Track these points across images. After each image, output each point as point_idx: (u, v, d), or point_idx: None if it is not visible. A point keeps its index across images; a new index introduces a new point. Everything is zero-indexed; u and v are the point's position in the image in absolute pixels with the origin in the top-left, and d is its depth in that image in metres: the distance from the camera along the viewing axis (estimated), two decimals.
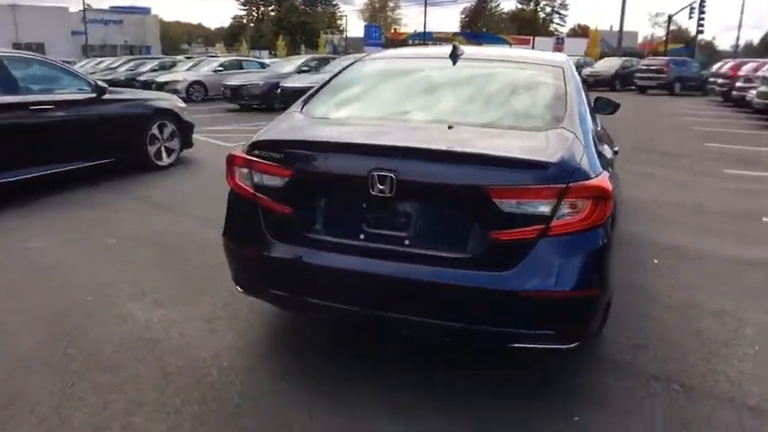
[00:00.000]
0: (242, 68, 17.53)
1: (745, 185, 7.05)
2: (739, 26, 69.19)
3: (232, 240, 2.70)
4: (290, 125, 2.82)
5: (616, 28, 60.10)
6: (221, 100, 15.84)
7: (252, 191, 2.56)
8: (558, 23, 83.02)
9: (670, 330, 3.22)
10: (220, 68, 17.32)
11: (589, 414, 2.48)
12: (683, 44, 56.97)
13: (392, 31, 70.95)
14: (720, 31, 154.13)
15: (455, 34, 61.92)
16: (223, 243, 2.77)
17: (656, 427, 2.43)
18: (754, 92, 14.15)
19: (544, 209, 2.18)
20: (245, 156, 2.59)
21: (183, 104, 7.71)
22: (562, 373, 2.78)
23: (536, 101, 2.88)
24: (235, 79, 14.42)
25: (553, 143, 2.38)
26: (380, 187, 2.27)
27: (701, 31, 34.99)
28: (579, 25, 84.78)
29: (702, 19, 33.14)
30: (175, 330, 3.08)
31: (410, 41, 59.73)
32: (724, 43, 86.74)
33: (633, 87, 26.06)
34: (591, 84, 25.80)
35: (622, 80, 26.58)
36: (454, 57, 3.25)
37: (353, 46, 62.61)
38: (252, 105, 14.29)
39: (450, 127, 2.52)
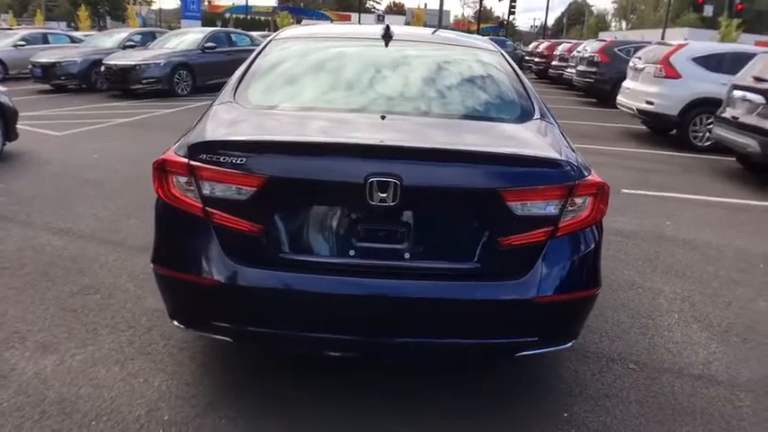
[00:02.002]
0: (48, 43, 14.89)
1: (592, 158, 7.82)
2: (547, 9, 76.84)
3: (170, 268, 2.14)
4: (237, 119, 2.30)
5: (429, 6, 63.84)
6: (27, 79, 13.31)
7: (200, 205, 2.03)
8: (374, 1, 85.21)
9: (603, 307, 3.39)
10: (22, 43, 14.48)
11: (573, 404, 2.49)
12: (490, 24, 62.41)
13: (207, 3, 66.59)
14: (519, 13, 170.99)
15: (275, 9, 60.17)
16: (155, 271, 2.20)
17: (632, 406, 2.50)
18: (571, 70, 15.83)
19: (553, 209, 2.06)
20: (186, 161, 2.03)
21: (2, 87, 6.24)
22: (532, 369, 2.75)
23: (497, 88, 2.72)
24: (45, 56, 12.07)
25: (549, 138, 2.27)
26: (381, 195, 1.93)
27: (513, 12, 38.50)
28: (395, 2, 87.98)
29: (514, 1, 36.39)
30: (84, 383, 2.41)
31: (227, 15, 56.71)
32: (522, 24, 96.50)
33: None
34: None
35: None
36: (387, 38, 2.97)
37: (166, 19, 57.59)
38: (68, 86, 12.25)
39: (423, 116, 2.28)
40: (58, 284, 3.29)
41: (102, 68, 11.61)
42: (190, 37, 12.83)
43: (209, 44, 12.40)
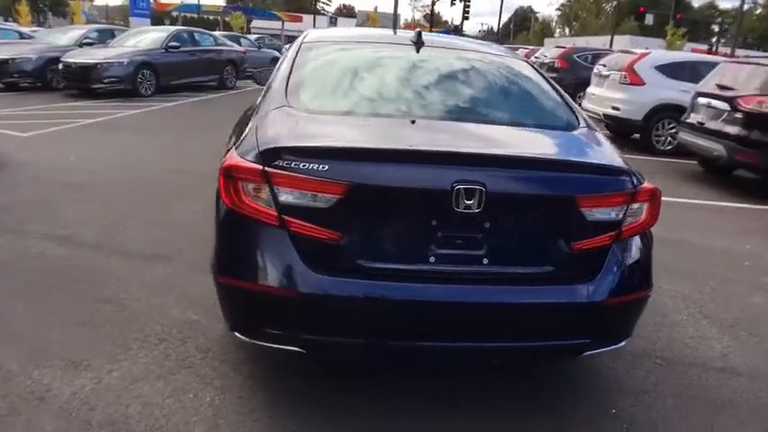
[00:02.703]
0: None
1: None
2: (500, 15, 78.06)
3: (241, 279, 2.08)
4: (304, 125, 2.25)
5: (380, 10, 64.08)
6: None
7: (275, 213, 1.98)
8: (324, 2, 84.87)
9: None
10: None
11: (616, 400, 2.58)
12: (440, 27, 63.34)
13: (154, 1, 64.34)
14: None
15: (225, 8, 58.83)
16: (221, 283, 2.14)
17: (668, 400, 2.62)
18: None
19: (618, 214, 2.14)
20: (260, 167, 1.98)
21: None
22: (568, 368, 2.82)
23: (539, 96, 2.78)
24: None
25: (606, 147, 2.36)
26: (467, 203, 1.96)
27: (467, 17, 39.25)
28: (345, 5, 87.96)
29: (468, 6, 37.07)
30: (130, 401, 2.30)
31: (175, 14, 55.03)
32: (470, 29, 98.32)
33: None
34: None
35: None
36: (419, 44, 2.99)
37: (110, 16, 55.34)
38: (21, 84, 11.54)
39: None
40: (72, 297, 3.12)
41: (60, 66, 11.03)
42: (152, 35, 12.38)
43: (173, 43, 12.00)
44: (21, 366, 2.47)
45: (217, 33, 16.08)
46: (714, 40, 30.63)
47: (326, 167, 1.93)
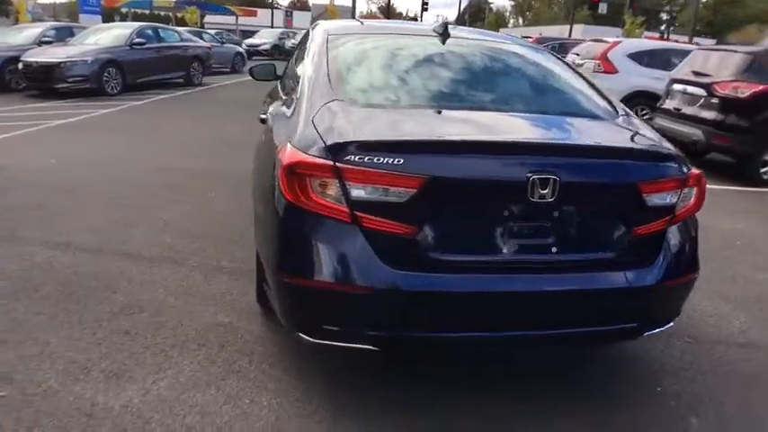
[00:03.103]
0: None
1: None
2: (460, 4, 77.58)
3: (310, 278, 2.01)
4: (365, 118, 2.20)
5: (336, 2, 63.49)
6: None
7: (347, 209, 1.94)
8: None
9: None
10: None
11: (660, 378, 2.67)
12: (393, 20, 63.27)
13: None
14: (418, 8, 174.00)
15: (177, 3, 57.15)
16: (287, 283, 2.08)
17: (707, 376, 2.71)
18: None
19: (673, 199, 2.19)
20: (330, 163, 1.92)
21: None
22: (605, 349, 2.88)
23: (573, 85, 2.79)
24: None
25: (653, 133, 2.40)
26: (541, 192, 1.96)
27: (426, 8, 39.38)
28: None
29: None
30: (185, 411, 2.21)
31: (124, 10, 53.21)
32: (424, 20, 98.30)
33: None
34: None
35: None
36: (444, 35, 2.98)
37: (57, 13, 52.96)
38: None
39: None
40: (91, 305, 2.98)
41: (20, 66, 10.47)
42: (115, 32, 11.88)
43: (138, 40, 11.56)
44: (60, 382, 2.34)
45: (181, 29, 15.59)
46: (663, 27, 31.87)
47: (402, 161, 1.90)
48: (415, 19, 44.18)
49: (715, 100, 6.99)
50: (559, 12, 76.62)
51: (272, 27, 35.97)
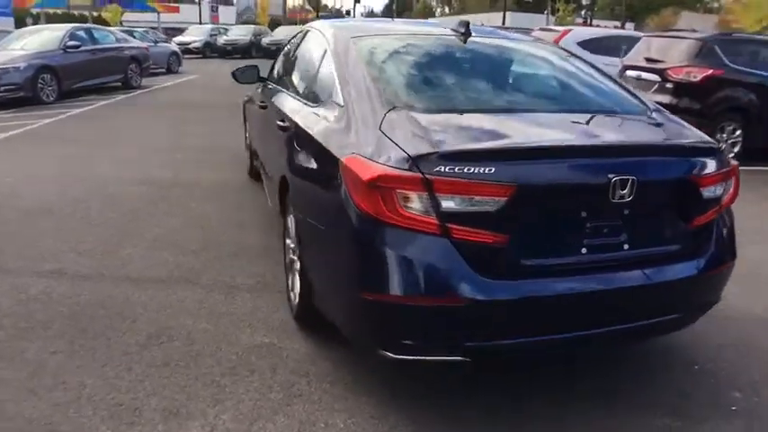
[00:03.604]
0: None
1: None
2: None
3: (397, 294, 1.93)
4: (439, 126, 2.11)
5: None
6: None
7: (436, 221, 1.87)
8: None
9: None
10: None
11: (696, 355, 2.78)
12: (326, 12, 62.87)
13: None
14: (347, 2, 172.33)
15: (95, 1, 53.89)
16: (366, 301, 1.98)
17: (741, 349, 2.85)
18: None
19: (720, 190, 2.28)
20: (419, 175, 1.85)
21: None
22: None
23: (602, 82, 2.82)
24: None
25: (691, 127, 2.45)
26: (621, 192, 1.98)
27: (359, 1, 39.26)
28: None
29: None
30: None
31: (35, 11, 49.68)
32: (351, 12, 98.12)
33: None
34: (274, 51, 26.13)
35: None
36: (466, 35, 2.94)
37: None
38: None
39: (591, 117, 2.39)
40: (113, 339, 2.74)
41: None
42: (45, 35, 11.02)
43: (72, 42, 10.76)
44: (113, 428, 2.13)
45: (113, 29, 14.70)
46: (583, 12, 33.42)
47: (493, 169, 1.86)
48: (348, 13, 43.88)
49: (669, 85, 7.33)
50: (484, 0, 78.37)
51: (200, 23, 34.65)
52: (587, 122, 2.33)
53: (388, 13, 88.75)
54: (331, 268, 2.25)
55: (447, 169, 1.85)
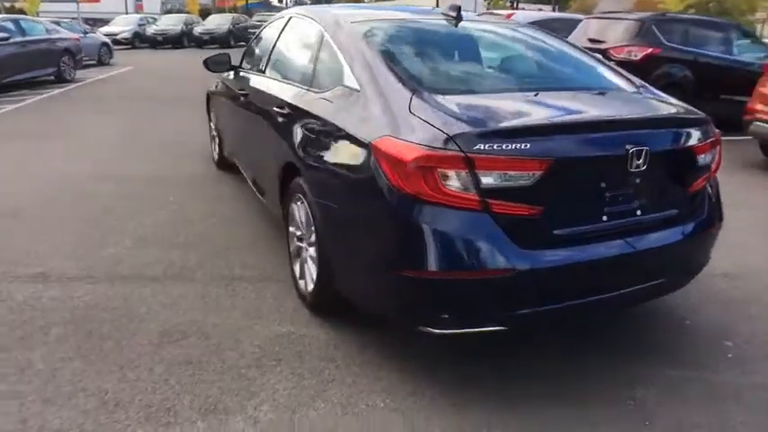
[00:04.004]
0: None
1: None
2: None
3: (440, 269, 2.00)
4: (468, 105, 2.19)
5: None
6: None
7: (477, 197, 1.95)
8: None
9: None
10: None
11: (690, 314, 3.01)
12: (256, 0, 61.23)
13: None
14: None
15: None
16: (409, 278, 2.05)
17: (752, 307, 3.08)
18: None
19: (709, 158, 2.47)
20: (462, 154, 1.92)
21: None
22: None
23: (589, 61, 2.97)
24: None
25: (681, 102, 2.63)
26: (637, 162, 2.13)
27: None
28: None
29: None
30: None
31: None
32: None
33: (245, 43, 26.97)
34: (207, 41, 25.54)
35: (236, 37, 26.93)
36: (458, 19, 3.02)
37: None
38: None
39: (601, 93, 2.56)
40: (123, 340, 2.64)
41: None
42: None
43: (0, 35, 10.01)
44: (152, 431, 2.08)
45: (43, 20, 13.72)
46: None
47: (528, 145, 1.95)
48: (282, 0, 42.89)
49: (612, 63, 7.70)
50: None
51: (126, 13, 32.92)
52: (597, 99, 2.45)
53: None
54: (363, 250, 2.27)
55: (486, 147, 1.93)
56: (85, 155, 6.11)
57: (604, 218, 2.19)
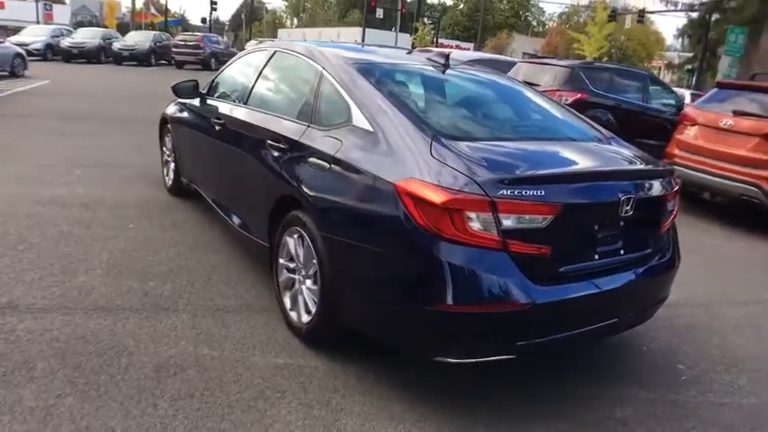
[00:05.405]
0: None
1: None
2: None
3: (463, 303, 2.18)
4: (485, 153, 2.40)
5: None
6: None
7: (498, 237, 2.16)
8: None
9: None
10: None
11: (647, 341, 3.33)
12: (174, 18, 59.78)
13: None
14: (190, 6, 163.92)
15: None
16: (434, 312, 2.20)
17: (660, 329, 3.46)
18: None
19: (673, 204, 2.84)
20: (487, 198, 2.13)
21: None
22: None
23: (566, 111, 3.30)
24: None
25: (648, 155, 3.00)
26: (626, 208, 2.44)
27: (215, 8, 37.85)
28: None
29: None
30: None
31: None
32: (194, 18, 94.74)
33: (167, 62, 26.28)
34: (126, 57, 24.65)
35: (157, 55, 26.16)
36: (446, 66, 3.27)
37: None
38: None
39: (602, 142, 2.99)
40: (117, 375, 2.56)
41: None
42: None
43: None
44: None
45: None
46: (427, 31, 36.40)
47: (543, 192, 2.21)
48: (204, 20, 42.19)
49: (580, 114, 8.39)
50: (333, 14, 79.96)
51: (38, 23, 30.98)
52: (587, 149, 2.78)
53: (235, 21, 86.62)
54: (383, 284, 2.40)
55: (508, 192, 2.15)
56: (18, 177, 5.72)
57: (596, 256, 2.47)
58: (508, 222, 2.16)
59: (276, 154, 3.09)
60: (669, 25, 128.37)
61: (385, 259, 2.37)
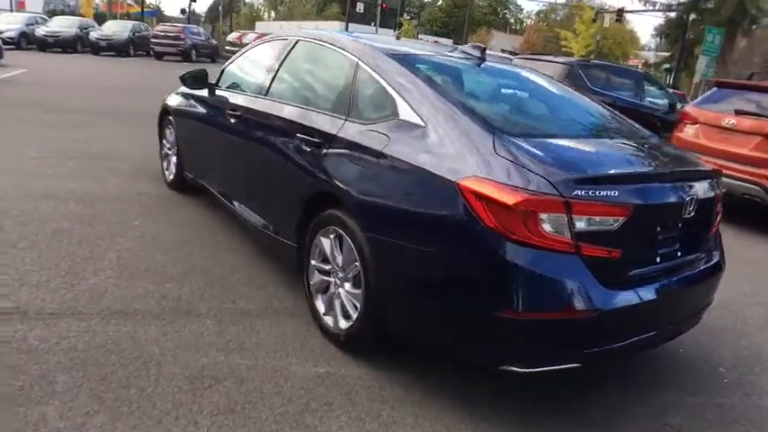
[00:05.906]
0: None
1: None
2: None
3: (535, 310, 2.05)
4: (551, 151, 2.26)
5: None
6: None
7: (571, 240, 2.03)
8: None
9: None
10: None
11: (683, 344, 3.25)
12: (150, 8, 58.40)
13: None
14: None
15: None
16: (503, 319, 2.05)
17: (716, 335, 3.40)
18: None
19: (720, 206, 2.76)
20: (561, 199, 1.99)
21: None
22: None
23: (600, 106, 3.21)
24: None
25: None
26: (689, 209, 2.37)
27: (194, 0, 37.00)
28: None
29: None
30: None
31: None
32: (169, 9, 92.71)
33: (145, 53, 25.65)
34: (104, 47, 24.00)
35: (136, 45, 25.46)
36: (482, 59, 3.14)
37: None
38: None
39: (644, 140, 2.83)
40: (148, 388, 2.36)
41: None
42: None
43: None
44: None
45: None
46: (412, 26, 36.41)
47: (617, 192, 2.09)
48: (184, 12, 41.20)
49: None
50: (311, 8, 79.15)
51: (11, 10, 29.84)
52: (644, 149, 2.68)
53: (212, 13, 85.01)
54: (443, 289, 2.23)
55: (582, 192, 2.03)
56: (7, 170, 5.40)
57: (658, 259, 2.36)
58: (581, 224, 2.04)
59: (308, 149, 2.91)
60: (644, 25, 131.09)
61: (443, 262, 2.21)
